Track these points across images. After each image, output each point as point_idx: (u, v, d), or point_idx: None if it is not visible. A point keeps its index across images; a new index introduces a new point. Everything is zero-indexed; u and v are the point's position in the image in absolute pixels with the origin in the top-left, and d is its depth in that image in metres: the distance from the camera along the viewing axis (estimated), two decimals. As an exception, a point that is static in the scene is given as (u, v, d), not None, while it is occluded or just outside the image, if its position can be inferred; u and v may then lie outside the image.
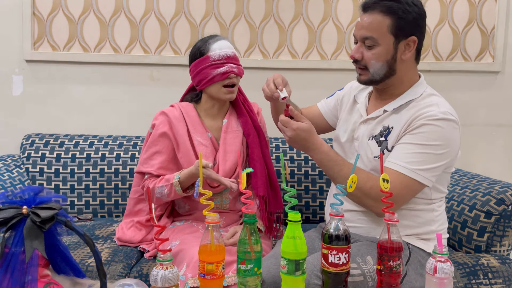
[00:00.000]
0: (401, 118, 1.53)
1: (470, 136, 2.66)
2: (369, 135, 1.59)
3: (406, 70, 1.57)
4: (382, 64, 1.53)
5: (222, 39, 1.84)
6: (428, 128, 1.47)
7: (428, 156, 1.46)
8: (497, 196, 1.86)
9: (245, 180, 1.11)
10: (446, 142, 1.48)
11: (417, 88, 1.58)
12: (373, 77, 1.56)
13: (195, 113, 1.88)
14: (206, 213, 1.10)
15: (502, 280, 1.76)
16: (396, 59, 1.53)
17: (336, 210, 1.15)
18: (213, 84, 1.80)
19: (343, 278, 1.15)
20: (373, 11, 1.52)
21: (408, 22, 1.51)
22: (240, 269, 1.11)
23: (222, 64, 1.77)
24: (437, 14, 2.59)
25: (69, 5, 2.49)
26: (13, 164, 2.31)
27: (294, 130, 1.50)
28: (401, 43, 1.53)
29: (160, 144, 1.83)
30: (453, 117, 1.49)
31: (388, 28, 1.51)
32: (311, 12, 2.56)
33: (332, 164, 1.51)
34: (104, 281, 0.95)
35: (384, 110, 1.58)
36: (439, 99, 1.56)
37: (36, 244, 0.90)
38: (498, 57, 2.62)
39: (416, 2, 1.54)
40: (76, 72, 2.53)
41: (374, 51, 1.53)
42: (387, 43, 1.52)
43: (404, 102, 1.55)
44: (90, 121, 2.55)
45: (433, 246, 1.11)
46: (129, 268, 1.78)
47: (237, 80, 1.83)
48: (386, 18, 1.50)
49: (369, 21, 1.52)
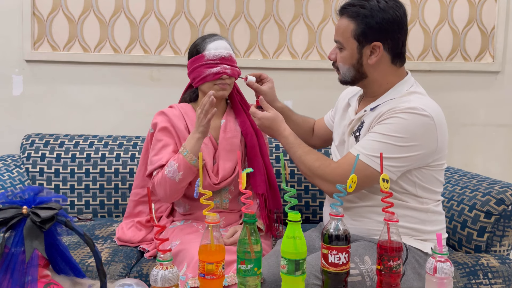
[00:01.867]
0: (375, 113, 1.55)
1: (470, 136, 2.67)
2: (350, 133, 1.64)
3: (380, 73, 1.57)
4: (348, 67, 1.57)
5: (220, 39, 1.84)
6: (393, 120, 1.47)
7: (386, 145, 1.46)
8: (497, 196, 1.86)
9: (245, 180, 1.11)
10: (411, 136, 1.45)
11: (399, 87, 1.57)
12: (344, 79, 1.61)
13: (194, 113, 1.88)
14: (206, 213, 1.10)
15: (502, 280, 1.76)
16: (362, 63, 1.55)
17: (336, 210, 1.15)
18: (207, 83, 1.82)
19: (343, 278, 1.15)
20: (343, 15, 1.56)
21: (371, 28, 1.51)
22: (240, 269, 1.11)
23: (216, 65, 1.79)
24: (437, 14, 2.59)
25: (69, 5, 2.49)
26: (13, 164, 2.31)
27: (259, 119, 1.65)
28: (365, 48, 1.53)
29: (164, 138, 1.83)
30: (425, 112, 1.46)
31: (351, 33, 1.53)
32: (311, 12, 2.56)
33: (290, 146, 1.61)
34: (104, 281, 0.95)
35: (365, 110, 1.60)
36: (418, 96, 1.53)
37: (36, 244, 0.90)
38: (498, 57, 2.62)
39: (387, 7, 1.51)
40: (76, 72, 2.53)
41: (341, 55, 1.58)
42: (351, 47, 1.55)
43: (383, 102, 1.56)
44: (90, 121, 2.55)
45: (433, 246, 1.11)
46: (129, 268, 1.78)
47: (230, 81, 1.83)
48: (351, 23, 1.53)
49: (338, 25, 1.58)
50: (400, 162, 1.47)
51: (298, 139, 1.63)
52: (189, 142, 1.71)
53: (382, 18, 1.50)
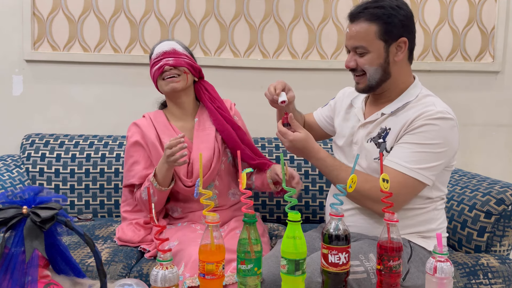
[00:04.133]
0: (399, 119, 1.55)
1: (470, 136, 2.67)
2: (367, 138, 1.61)
3: (400, 72, 1.59)
4: (376, 68, 1.56)
5: (166, 40, 1.91)
6: (427, 128, 1.48)
7: (427, 154, 1.47)
8: (497, 196, 1.86)
9: (245, 180, 1.11)
10: (445, 141, 1.49)
11: (412, 90, 1.59)
12: (370, 83, 1.58)
13: (164, 118, 1.94)
14: (206, 213, 1.10)
15: (502, 280, 1.76)
16: (389, 62, 1.56)
17: (336, 210, 1.15)
18: (158, 82, 1.88)
19: (343, 278, 1.15)
20: (359, 20, 1.55)
21: (395, 25, 1.53)
22: (240, 269, 1.11)
23: (159, 61, 1.84)
24: (437, 14, 2.59)
25: (69, 5, 2.49)
26: (13, 164, 2.31)
27: (290, 141, 1.56)
28: (391, 46, 1.55)
29: (135, 154, 1.89)
30: (450, 115, 1.51)
31: (376, 35, 1.53)
32: (311, 12, 2.56)
33: (330, 169, 1.56)
34: (104, 281, 0.95)
35: (382, 113, 1.59)
36: (435, 99, 1.58)
37: (36, 244, 0.90)
38: (498, 57, 2.62)
39: (401, 4, 1.56)
40: (76, 72, 2.53)
41: (366, 58, 1.56)
42: (377, 48, 1.54)
43: (401, 105, 1.57)
44: (90, 121, 2.55)
45: (433, 245, 1.11)
46: (129, 268, 1.78)
47: (178, 71, 1.85)
48: (372, 25, 1.53)
49: (356, 31, 1.55)
50: (438, 168, 1.51)
51: (337, 161, 1.59)
52: (160, 172, 1.74)
53: (402, 15, 1.54)
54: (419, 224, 1.56)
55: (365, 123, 1.63)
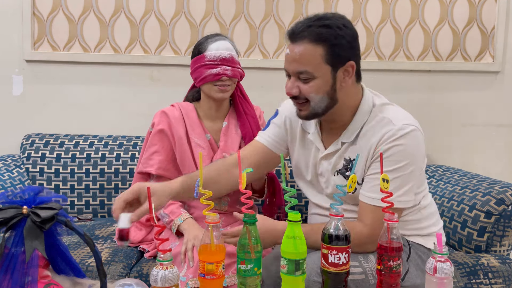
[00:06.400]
0: (362, 148, 1.45)
1: (470, 137, 2.67)
2: (332, 171, 1.50)
3: (348, 95, 1.45)
4: (322, 96, 1.40)
5: (222, 39, 1.84)
6: (392, 151, 1.39)
7: (400, 178, 1.39)
8: (497, 196, 1.86)
9: (245, 180, 1.11)
10: (413, 157, 1.41)
11: (364, 106, 1.47)
12: (314, 111, 1.42)
13: (195, 114, 1.89)
14: (206, 213, 1.10)
15: (502, 280, 1.76)
16: (336, 88, 1.41)
17: (336, 210, 1.15)
18: (206, 84, 1.82)
19: (343, 278, 1.15)
20: (303, 40, 1.37)
21: (342, 48, 1.38)
22: (240, 269, 1.11)
23: (216, 66, 1.78)
24: (437, 14, 2.59)
25: (69, 5, 2.49)
26: (13, 164, 2.31)
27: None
28: (339, 71, 1.40)
29: (158, 143, 1.85)
30: (410, 125, 1.41)
31: (322, 58, 1.37)
32: (311, 12, 2.53)
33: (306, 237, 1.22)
34: (104, 281, 0.95)
35: (342, 142, 1.48)
36: (389, 112, 1.46)
37: (36, 244, 0.90)
38: (498, 57, 2.62)
39: (347, 23, 1.41)
40: (76, 72, 2.53)
41: (311, 84, 1.39)
42: (324, 74, 1.38)
43: (358, 130, 1.46)
44: (90, 121, 2.55)
45: (433, 245, 1.11)
46: (129, 268, 1.78)
47: (231, 82, 1.83)
48: (318, 47, 1.36)
49: (300, 53, 1.38)
50: (416, 185, 1.46)
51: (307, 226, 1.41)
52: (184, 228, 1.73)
53: (349, 35, 1.39)
54: (410, 224, 1.53)
55: (327, 155, 1.51)
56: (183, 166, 1.84)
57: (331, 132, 1.52)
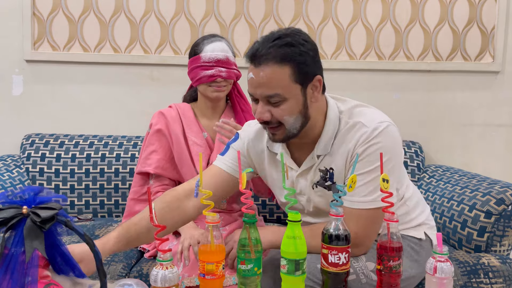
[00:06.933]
0: (337, 158, 1.41)
1: (470, 136, 2.66)
2: (311, 185, 1.46)
3: (317, 108, 1.41)
4: (296, 117, 1.35)
5: (218, 40, 1.86)
6: (369, 151, 1.36)
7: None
8: (497, 196, 1.86)
9: (245, 180, 1.11)
10: (391, 153, 1.37)
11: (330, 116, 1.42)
12: (290, 133, 1.37)
13: (192, 113, 1.92)
14: (206, 213, 1.10)
15: (502, 279, 1.76)
16: (307, 105, 1.37)
17: (336, 210, 1.15)
18: (201, 85, 1.85)
19: (343, 278, 1.15)
20: (268, 63, 1.31)
21: (308, 64, 1.33)
22: (240, 269, 1.11)
23: (211, 67, 1.80)
24: (437, 14, 2.59)
25: (69, 5, 2.49)
26: (13, 164, 2.31)
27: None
28: (308, 87, 1.35)
29: (156, 142, 1.88)
30: (383, 122, 1.38)
31: (291, 78, 1.31)
32: (311, 12, 2.55)
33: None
34: (104, 281, 0.95)
35: (318, 156, 1.43)
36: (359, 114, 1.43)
37: (36, 244, 0.90)
38: (498, 57, 2.62)
39: (306, 38, 1.36)
40: (76, 72, 2.53)
41: (284, 107, 1.33)
42: (295, 94, 1.33)
43: (331, 139, 1.42)
44: (90, 121, 2.55)
45: (433, 245, 1.11)
46: (129, 268, 1.78)
47: (226, 83, 1.85)
48: (285, 68, 1.31)
49: (267, 76, 1.30)
50: (398, 180, 1.44)
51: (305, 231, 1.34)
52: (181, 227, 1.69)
53: (312, 50, 1.35)
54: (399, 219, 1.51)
55: (302, 173, 1.47)
56: (181, 165, 1.86)
57: (301, 148, 1.47)
